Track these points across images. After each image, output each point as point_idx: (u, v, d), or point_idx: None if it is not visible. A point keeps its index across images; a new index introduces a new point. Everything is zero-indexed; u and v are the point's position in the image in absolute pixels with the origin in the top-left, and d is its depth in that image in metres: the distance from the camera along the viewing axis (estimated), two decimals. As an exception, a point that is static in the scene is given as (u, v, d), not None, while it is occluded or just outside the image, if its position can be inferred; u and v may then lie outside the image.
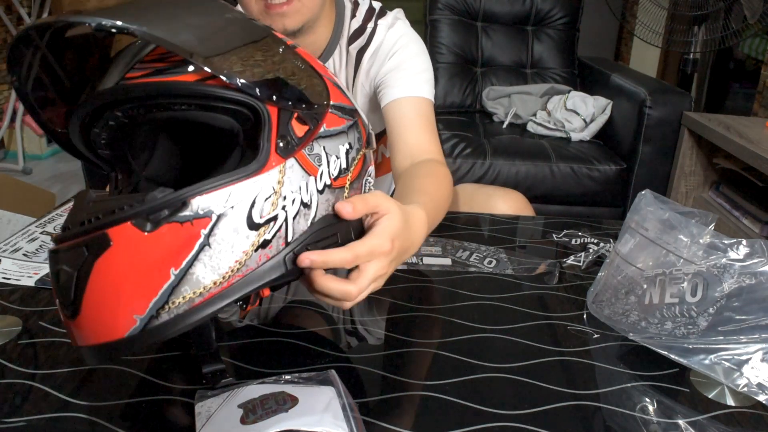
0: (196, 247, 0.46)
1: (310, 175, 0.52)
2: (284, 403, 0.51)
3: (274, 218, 0.50)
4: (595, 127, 2.28)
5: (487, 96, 2.56)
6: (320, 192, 0.53)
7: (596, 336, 0.68)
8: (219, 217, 0.47)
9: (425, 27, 2.59)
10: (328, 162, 0.54)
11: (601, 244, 0.89)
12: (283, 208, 0.50)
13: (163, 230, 0.46)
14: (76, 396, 0.56)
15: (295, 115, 0.51)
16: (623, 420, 0.55)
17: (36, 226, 0.91)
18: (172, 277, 0.46)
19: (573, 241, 0.92)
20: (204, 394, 0.54)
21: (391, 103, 0.97)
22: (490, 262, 0.84)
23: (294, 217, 0.51)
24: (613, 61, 3.25)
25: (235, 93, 0.49)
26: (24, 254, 0.82)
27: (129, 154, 0.57)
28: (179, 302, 0.47)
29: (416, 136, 0.95)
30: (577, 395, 0.58)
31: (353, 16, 1.00)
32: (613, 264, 0.71)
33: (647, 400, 0.58)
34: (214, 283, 0.48)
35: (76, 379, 0.58)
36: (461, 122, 2.40)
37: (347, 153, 0.56)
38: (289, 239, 0.51)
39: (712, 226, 0.63)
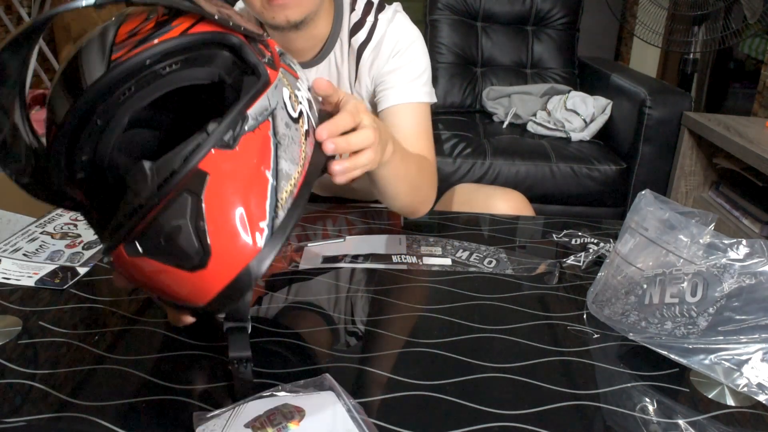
0: (273, 147, 0.52)
1: (296, 79, 0.60)
2: (292, 416, 0.50)
3: (301, 112, 0.58)
4: (595, 127, 2.28)
5: (487, 96, 2.56)
6: (309, 90, 0.63)
7: (596, 336, 0.68)
8: (273, 116, 0.53)
9: (425, 27, 2.59)
10: (297, 69, 0.63)
11: (601, 244, 0.89)
12: (300, 103, 0.58)
13: (243, 142, 0.50)
14: (76, 396, 0.56)
15: (258, 42, 0.58)
16: (623, 420, 0.55)
17: (36, 226, 0.91)
18: (271, 178, 0.51)
19: (573, 241, 0.92)
20: (202, 416, 0.52)
21: (390, 110, 0.99)
22: (490, 262, 0.84)
23: (309, 110, 0.60)
24: (613, 61, 3.25)
25: (214, 33, 0.54)
26: (24, 254, 0.82)
27: (110, 159, 0.57)
28: (285, 197, 0.52)
29: (413, 147, 0.96)
30: (577, 395, 0.58)
31: (352, 9, 1.01)
32: (613, 264, 0.71)
33: (647, 400, 0.58)
34: (298, 173, 0.54)
35: (76, 379, 0.58)
36: (461, 122, 2.40)
37: (297, 63, 0.65)
38: (315, 128, 0.60)
39: (712, 226, 0.63)
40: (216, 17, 0.52)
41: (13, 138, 0.54)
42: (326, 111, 0.67)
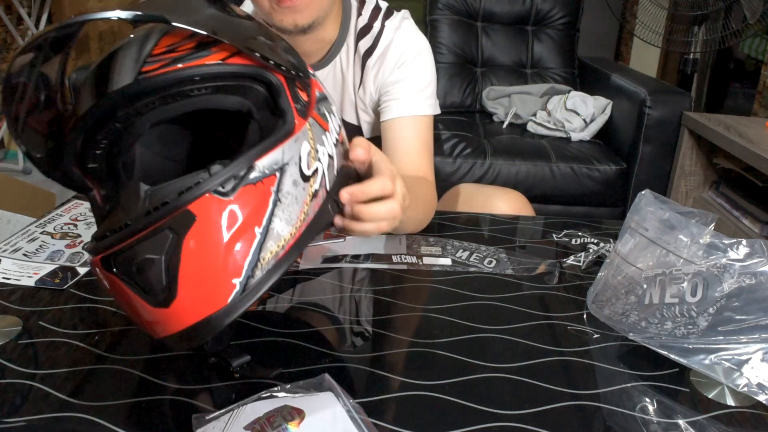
0: (271, 204, 0.51)
1: (325, 131, 0.58)
2: (292, 418, 0.50)
3: (316, 170, 0.55)
4: (595, 127, 2.28)
5: (487, 96, 2.56)
6: (335, 145, 0.60)
7: (596, 336, 0.68)
8: (282, 173, 0.51)
9: (425, 27, 2.59)
10: (330, 119, 0.60)
11: (601, 244, 0.89)
12: (319, 160, 0.56)
13: (240, 193, 0.49)
14: (76, 396, 0.56)
15: (297, 83, 0.56)
16: (623, 420, 0.55)
17: (36, 226, 0.91)
18: (258, 236, 0.50)
19: (573, 241, 0.92)
20: (201, 418, 0.52)
21: (393, 121, 0.99)
22: (490, 262, 0.84)
23: (327, 168, 0.57)
24: (613, 61, 3.25)
25: (254, 68, 0.53)
26: (24, 254, 0.82)
27: (122, 162, 0.57)
28: (268, 257, 0.50)
29: (414, 164, 0.97)
30: (577, 395, 0.58)
31: (359, 14, 1.00)
32: (613, 264, 0.71)
33: (647, 400, 0.58)
34: (290, 234, 0.52)
35: (76, 379, 0.58)
36: (461, 122, 2.40)
37: (335, 112, 0.63)
38: (328, 188, 0.57)
39: (712, 226, 0.63)
40: (257, 55, 0.51)
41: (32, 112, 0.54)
42: (350, 167, 0.63)
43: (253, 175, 0.49)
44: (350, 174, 0.63)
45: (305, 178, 0.54)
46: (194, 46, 0.52)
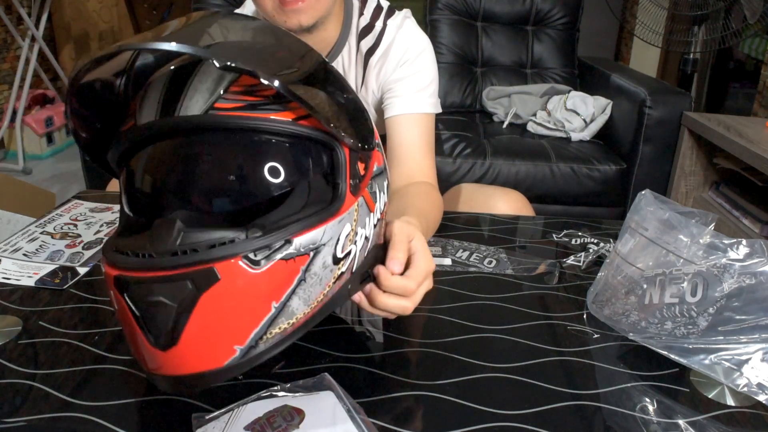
0: (295, 282, 0.49)
1: (371, 211, 0.56)
2: (292, 418, 0.50)
3: (349, 252, 0.54)
4: (595, 127, 2.28)
5: (487, 96, 2.56)
6: (374, 226, 0.58)
7: (596, 336, 0.68)
8: (316, 254, 0.50)
9: (425, 27, 2.59)
10: (380, 198, 0.58)
11: (601, 244, 0.89)
12: (355, 243, 0.54)
13: (270, 267, 0.48)
14: (76, 396, 0.56)
15: (359, 155, 0.55)
16: (623, 420, 0.55)
17: (36, 226, 0.91)
18: (273, 310, 0.49)
19: (573, 241, 0.92)
20: (201, 418, 0.52)
21: (394, 119, 0.99)
22: (490, 262, 0.84)
23: (360, 250, 0.55)
24: (613, 61, 3.25)
25: (324, 134, 0.51)
26: (24, 254, 0.82)
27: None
28: (275, 332, 0.50)
29: (416, 161, 0.97)
30: (577, 395, 0.58)
31: (361, 13, 1.00)
32: (613, 264, 0.71)
33: (647, 400, 0.58)
34: (304, 314, 0.51)
35: (76, 379, 0.58)
36: (461, 122, 2.40)
37: (386, 188, 0.61)
38: (353, 269, 0.56)
39: (712, 226, 0.63)
40: (332, 126, 0.49)
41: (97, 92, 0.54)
42: (380, 244, 0.62)
43: (287, 251, 0.48)
44: (378, 255, 0.60)
45: (336, 261, 0.53)
46: (274, 95, 0.50)
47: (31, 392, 0.56)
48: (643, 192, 0.70)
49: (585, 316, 0.72)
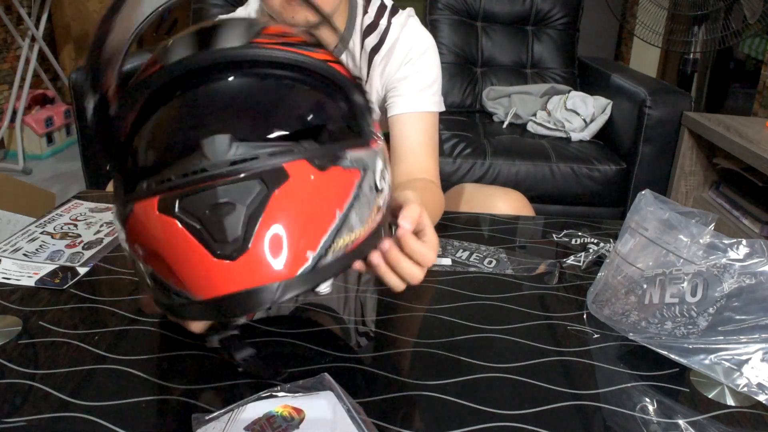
0: (352, 195, 0.49)
1: (387, 159, 0.57)
2: (292, 419, 0.50)
3: (383, 189, 0.55)
4: (595, 127, 2.28)
5: (487, 96, 2.56)
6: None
7: (596, 336, 0.68)
8: (365, 172, 0.51)
9: (425, 27, 2.58)
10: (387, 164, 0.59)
11: (601, 244, 0.89)
12: (384, 180, 0.55)
13: (332, 172, 0.48)
14: (76, 396, 0.56)
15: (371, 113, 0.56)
16: (623, 420, 0.55)
17: (36, 226, 0.91)
18: (337, 219, 0.48)
19: (573, 241, 0.92)
20: (201, 419, 0.52)
21: (398, 117, 0.99)
22: (490, 262, 0.84)
23: (387, 194, 0.56)
24: (613, 61, 3.25)
25: (350, 81, 0.54)
26: (24, 254, 0.82)
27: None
28: (340, 244, 0.49)
29: (419, 160, 0.97)
30: (577, 395, 0.58)
31: (365, 12, 1.01)
32: (613, 264, 0.71)
33: (647, 400, 0.58)
34: (359, 233, 0.51)
35: (76, 379, 0.58)
36: (461, 122, 2.40)
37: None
38: (384, 210, 0.55)
39: (712, 226, 0.63)
40: (354, 75, 0.53)
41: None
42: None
43: (344, 161, 0.49)
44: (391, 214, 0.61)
45: (377, 190, 0.53)
46: (303, 40, 0.52)
47: (31, 392, 0.56)
48: (643, 192, 0.70)
49: (585, 316, 0.72)
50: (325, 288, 0.73)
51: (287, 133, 0.50)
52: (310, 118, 0.52)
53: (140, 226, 0.47)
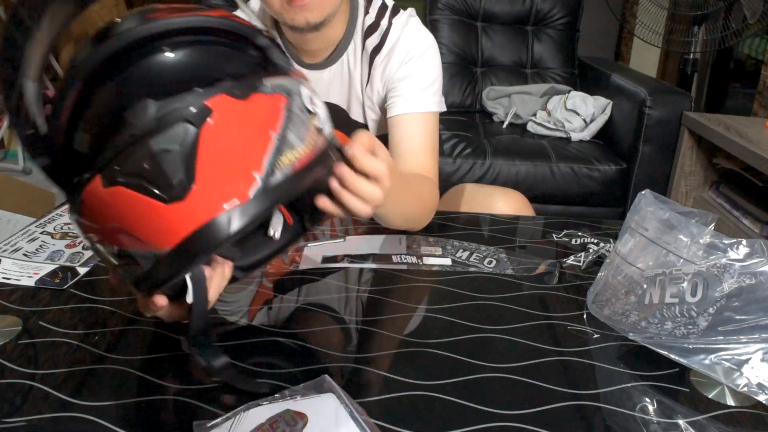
0: (283, 116, 0.51)
1: (314, 92, 0.58)
2: (295, 423, 0.50)
3: (317, 113, 0.56)
4: (595, 127, 2.28)
5: (487, 96, 2.56)
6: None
7: (596, 336, 0.68)
8: (290, 95, 0.53)
9: (425, 27, 2.58)
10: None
11: (601, 244, 0.89)
12: (316, 106, 0.56)
13: (254, 98, 0.50)
14: (76, 396, 0.56)
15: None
16: (623, 420, 0.55)
17: (36, 226, 0.91)
18: (274, 139, 0.50)
19: (573, 241, 0.92)
20: (203, 425, 0.51)
21: (398, 118, 0.99)
22: (490, 262, 0.84)
23: (325, 119, 0.58)
24: (613, 61, 3.25)
25: (250, 28, 0.55)
26: (24, 254, 0.82)
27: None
28: (285, 162, 0.50)
29: (418, 160, 0.97)
30: (577, 395, 0.58)
31: (366, 12, 1.01)
32: (613, 264, 0.71)
33: (647, 400, 0.58)
34: (303, 151, 0.52)
35: (76, 379, 0.58)
36: (461, 122, 2.40)
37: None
38: (326, 133, 0.58)
39: (712, 226, 0.63)
40: (258, 28, 0.54)
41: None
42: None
43: (264, 88, 0.51)
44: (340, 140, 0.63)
45: (310, 112, 0.55)
46: (198, 6, 0.53)
47: (31, 392, 0.56)
48: (643, 192, 0.70)
49: (585, 316, 0.72)
50: (277, 230, 0.67)
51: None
52: (223, 69, 0.53)
53: (93, 208, 0.49)
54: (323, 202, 0.61)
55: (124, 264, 0.51)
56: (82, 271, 0.78)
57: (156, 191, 0.46)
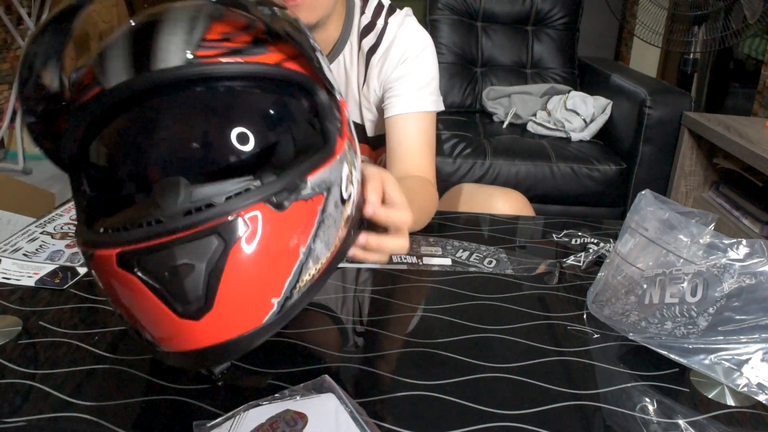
0: (316, 224, 0.48)
1: (356, 153, 0.55)
2: (295, 423, 0.50)
3: (350, 196, 0.53)
4: (595, 127, 2.28)
5: (487, 96, 2.56)
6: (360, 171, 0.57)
7: (596, 336, 0.68)
8: (328, 193, 0.49)
9: (425, 27, 2.58)
10: (356, 141, 0.57)
11: (601, 244, 0.89)
12: (353, 184, 0.53)
13: (292, 209, 0.45)
14: (76, 396, 0.56)
15: (334, 100, 0.54)
16: (623, 420, 0.55)
17: (36, 226, 0.91)
18: (301, 255, 0.47)
19: (573, 241, 0.92)
20: (203, 425, 0.51)
21: (395, 118, 0.99)
22: (490, 262, 0.84)
23: (356, 193, 0.54)
24: (613, 61, 3.25)
25: (308, 79, 0.50)
26: (24, 254, 0.82)
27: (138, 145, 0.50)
28: (306, 279, 0.48)
29: (415, 160, 0.98)
30: (577, 395, 0.58)
31: (362, 12, 1.01)
32: (613, 264, 0.71)
33: (647, 400, 0.58)
34: (326, 258, 0.50)
35: (76, 379, 0.58)
36: (461, 122, 2.40)
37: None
38: (353, 214, 0.54)
39: (712, 226, 0.63)
40: (315, 62, 0.48)
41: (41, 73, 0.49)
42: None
43: (305, 191, 0.46)
44: (362, 201, 0.59)
45: (344, 202, 0.51)
46: (251, 40, 0.48)
47: (31, 392, 0.56)
48: (643, 192, 0.70)
49: (585, 316, 0.72)
50: None
51: (241, 158, 0.47)
52: (264, 135, 0.49)
53: (104, 273, 0.46)
54: (364, 240, 0.58)
55: (133, 330, 0.49)
56: (82, 271, 0.78)
57: (171, 302, 0.43)
